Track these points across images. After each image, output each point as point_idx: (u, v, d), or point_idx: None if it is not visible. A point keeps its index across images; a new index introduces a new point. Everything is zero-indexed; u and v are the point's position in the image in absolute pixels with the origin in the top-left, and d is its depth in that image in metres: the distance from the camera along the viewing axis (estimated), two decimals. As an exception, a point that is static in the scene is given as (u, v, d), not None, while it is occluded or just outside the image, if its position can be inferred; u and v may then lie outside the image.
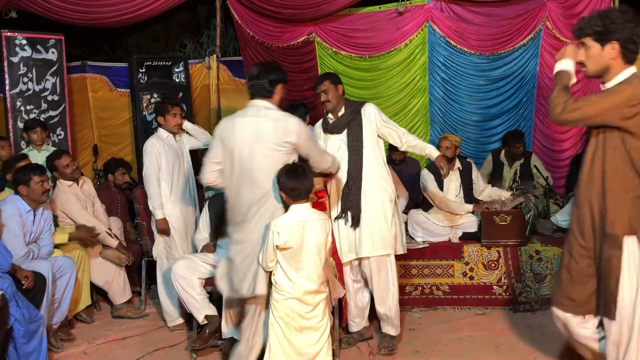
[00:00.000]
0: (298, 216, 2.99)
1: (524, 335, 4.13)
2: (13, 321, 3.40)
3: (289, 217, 3.00)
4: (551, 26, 5.84)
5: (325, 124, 3.99)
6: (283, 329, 2.98)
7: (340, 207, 3.84)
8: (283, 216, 3.01)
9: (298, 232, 2.96)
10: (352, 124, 3.85)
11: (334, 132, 3.90)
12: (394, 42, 6.14)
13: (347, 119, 3.87)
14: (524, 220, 4.64)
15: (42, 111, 5.95)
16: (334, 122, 3.90)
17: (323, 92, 3.90)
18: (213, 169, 3.21)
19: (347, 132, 3.85)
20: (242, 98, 6.80)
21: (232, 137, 3.12)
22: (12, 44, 5.76)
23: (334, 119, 3.93)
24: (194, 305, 3.90)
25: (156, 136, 4.53)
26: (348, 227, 3.80)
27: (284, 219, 2.99)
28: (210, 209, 4.35)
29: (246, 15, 6.45)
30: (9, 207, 3.96)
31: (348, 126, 3.86)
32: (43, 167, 4.17)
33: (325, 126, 3.97)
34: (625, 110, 2.59)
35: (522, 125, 6.09)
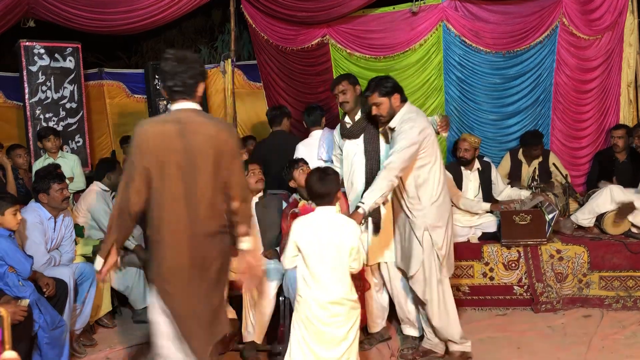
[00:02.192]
0: (320, 218, 2.96)
1: (546, 336, 4.08)
2: (37, 328, 3.44)
3: (311, 217, 2.98)
4: (567, 22, 5.78)
5: (342, 129, 3.95)
6: (303, 331, 2.91)
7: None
8: (307, 215, 3.02)
9: (317, 234, 2.90)
10: (368, 129, 3.81)
11: (351, 137, 3.87)
12: (408, 42, 6.12)
13: (364, 123, 3.82)
14: (544, 219, 4.59)
15: (60, 119, 6.04)
16: (351, 127, 3.87)
17: (341, 93, 3.88)
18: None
19: (364, 137, 3.81)
20: (258, 102, 6.86)
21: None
22: (30, 53, 5.85)
23: (351, 123, 3.89)
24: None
25: None
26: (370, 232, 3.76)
27: (306, 218, 2.99)
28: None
29: (260, 19, 6.47)
30: (31, 215, 4.01)
31: (365, 131, 3.82)
32: (62, 175, 4.21)
33: (343, 131, 3.93)
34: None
35: (540, 123, 6.03)
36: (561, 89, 5.95)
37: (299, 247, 2.92)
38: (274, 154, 4.91)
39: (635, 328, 4.14)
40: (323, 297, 2.86)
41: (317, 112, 4.89)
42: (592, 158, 5.92)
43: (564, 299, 4.55)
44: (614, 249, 4.57)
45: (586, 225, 4.85)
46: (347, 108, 3.89)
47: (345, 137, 3.90)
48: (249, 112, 7.01)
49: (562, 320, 4.34)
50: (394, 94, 3.52)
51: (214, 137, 2.59)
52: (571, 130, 6.05)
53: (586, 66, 5.88)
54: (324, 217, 2.95)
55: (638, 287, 4.52)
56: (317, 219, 2.95)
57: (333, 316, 2.86)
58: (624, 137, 5.47)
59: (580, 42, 5.83)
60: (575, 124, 6.04)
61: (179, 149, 2.52)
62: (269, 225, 4.15)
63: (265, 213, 4.14)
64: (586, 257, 4.57)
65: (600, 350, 3.81)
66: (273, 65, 6.63)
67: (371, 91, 3.55)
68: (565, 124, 6.04)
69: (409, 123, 3.44)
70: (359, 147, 3.83)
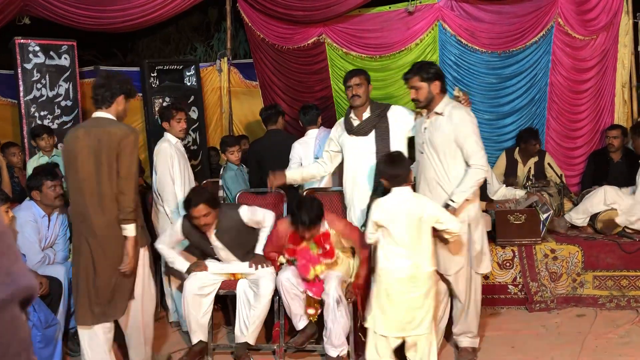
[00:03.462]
0: (399, 198, 3.24)
1: (540, 335, 4.10)
2: (31, 326, 3.43)
3: (390, 198, 3.26)
4: (563, 23, 5.79)
5: (348, 124, 3.91)
6: (383, 301, 3.20)
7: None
8: (386, 197, 3.29)
9: (395, 211, 3.20)
10: (379, 127, 3.79)
11: (360, 134, 3.84)
12: (404, 41, 6.13)
13: (374, 122, 3.80)
14: (539, 218, 4.60)
15: (55, 117, 6.01)
16: (360, 124, 3.83)
17: (356, 86, 3.83)
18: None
19: (375, 136, 3.79)
20: (253, 100, 6.86)
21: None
22: (25, 50, 5.82)
23: (358, 120, 3.85)
24: (192, 327, 3.88)
25: (166, 141, 4.49)
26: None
27: (386, 199, 3.27)
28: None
29: (256, 18, 6.47)
30: (24, 213, 4.00)
31: (375, 129, 3.80)
32: (55, 172, 4.19)
33: (349, 127, 3.89)
34: None
35: (535, 123, 6.05)
36: (556, 89, 5.97)
37: (380, 225, 3.22)
38: (269, 153, 4.91)
39: (628, 327, 4.16)
40: (403, 268, 3.16)
41: (313, 111, 4.89)
42: (586, 158, 5.94)
43: (558, 299, 4.56)
44: (607, 248, 4.58)
45: (580, 225, 4.87)
46: (357, 102, 3.85)
47: (353, 134, 3.87)
48: (244, 111, 7.00)
49: (556, 320, 4.35)
50: (435, 80, 3.48)
51: (111, 139, 3.19)
52: (566, 130, 6.07)
53: (581, 66, 5.90)
54: (400, 196, 3.25)
55: (631, 286, 4.54)
56: (393, 198, 3.25)
57: (412, 286, 3.16)
58: (619, 137, 5.49)
59: (575, 42, 5.85)
60: (570, 124, 6.06)
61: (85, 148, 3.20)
62: (239, 242, 4.00)
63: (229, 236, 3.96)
64: (580, 256, 4.58)
65: (593, 350, 3.83)
66: (269, 64, 6.63)
67: (413, 74, 3.51)
68: (560, 124, 6.06)
69: (459, 110, 3.47)
70: (367, 144, 3.81)
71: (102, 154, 3.18)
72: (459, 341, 3.76)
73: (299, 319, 3.77)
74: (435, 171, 3.51)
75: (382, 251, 3.24)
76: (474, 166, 3.39)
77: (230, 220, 3.89)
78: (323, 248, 3.71)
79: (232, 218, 3.90)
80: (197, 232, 3.87)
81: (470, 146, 3.41)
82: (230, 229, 3.89)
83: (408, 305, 3.17)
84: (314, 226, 3.62)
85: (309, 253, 3.72)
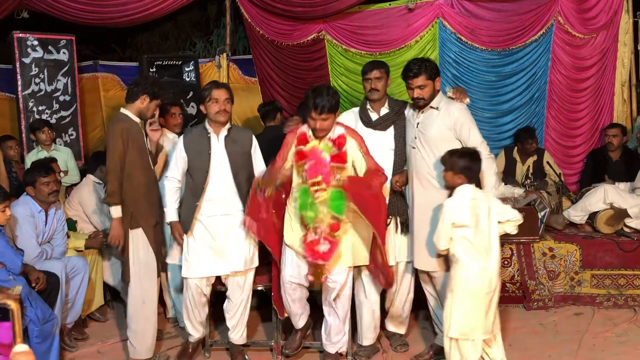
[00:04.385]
0: (470, 194, 3.18)
1: (537, 334, 4.10)
2: (28, 322, 3.42)
3: (463, 195, 3.19)
4: (563, 21, 5.79)
5: (366, 116, 3.75)
6: (464, 300, 3.13)
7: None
8: (455, 196, 3.21)
9: (471, 209, 3.16)
10: (397, 124, 3.70)
11: (377, 129, 3.71)
12: (404, 39, 6.12)
13: (393, 119, 3.71)
14: (537, 217, 4.60)
15: (53, 111, 5.99)
16: (379, 119, 3.71)
17: (376, 80, 3.67)
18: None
19: (394, 133, 3.70)
20: (253, 96, 6.84)
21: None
22: (23, 45, 5.80)
23: (376, 114, 3.73)
24: (192, 323, 3.81)
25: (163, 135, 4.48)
26: (395, 232, 3.71)
27: (459, 197, 3.19)
28: None
29: (256, 14, 6.45)
30: (21, 208, 3.98)
31: (394, 125, 3.71)
32: (49, 167, 4.15)
33: (367, 120, 3.74)
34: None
35: (534, 122, 6.04)
36: (556, 88, 5.97)
37: (460, 224, 3.15)
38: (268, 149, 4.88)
39: (626, 326, 4.17)
40: (485, 267, 3.14)
41: (311, 108, 4.86)
42: (585, 157, 5.94)
43: (555, 297, 4.56)
44: (605, 247, 4.58)
45: (578, 222, 4.87)
46: (375, 96, 3.69)
47: (370, 127, 3.72)
48: (243, 107, 6.97)
49: (554, 318, 4.36)
50: (437, 77, 3.49)
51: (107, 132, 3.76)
52: (565, 128, 6.07)
53: (581, 65, 5.90)
54: (472, 192, 3.19)
55: (629, 285, 4.54)
56: (466, 196, 3.19)
57: (491, 285, 3.15)
58: (619, 136, 5.49)
59: (575, 40, 5.84)
60: (569, 122, 6.06)
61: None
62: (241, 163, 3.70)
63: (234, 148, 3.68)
64: (578, 255, 4.58)
65: (591, 348, 3.83)
66: (268, 60, 6.61)
67: (418, 73, 3.43)
68: (560, 123, 6.06)
69: (454, 104, 3.47)
70: (384, 139, 3.69)
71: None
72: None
73: (298, 318, 3.73)
74: (427, 166, 3.48)
75: (461, 254, 3.17)
76: (485, 156, 3.34)
77: (240, 135, 3.74)
78: (338, 148, 3.41)
79: (244, 135, 3.77)
80: (199, 143, 3.63)
81: (476, 137, 3.41)
82: (238, 144, 3.69)
83: (492, 304, 3.17)
84: (329, 114, 3.34)
85: (318, 153, 3.41)
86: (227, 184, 3.64)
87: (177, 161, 3.70)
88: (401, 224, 3.71)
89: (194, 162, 3.65)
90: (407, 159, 3.66)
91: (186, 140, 3.69)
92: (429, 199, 3.48)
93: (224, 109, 3.60)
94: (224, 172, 3.63)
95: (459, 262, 3.18)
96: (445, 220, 3.18)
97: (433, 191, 3.47)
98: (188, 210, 3.66)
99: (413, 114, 3.63)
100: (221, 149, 3.63)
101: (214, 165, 3.61)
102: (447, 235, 3.19)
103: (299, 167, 3.46)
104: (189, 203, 3.67)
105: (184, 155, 3.66)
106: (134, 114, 3.68)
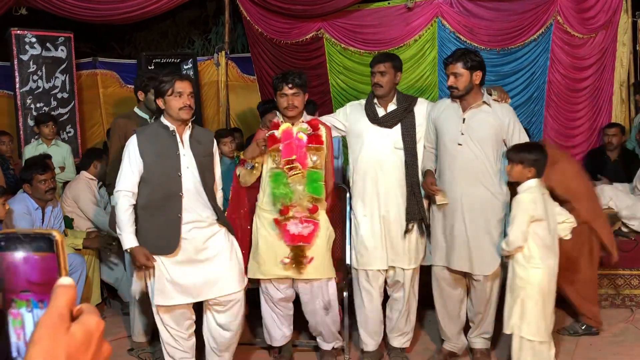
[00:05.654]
0: (539, 189, 3.13)
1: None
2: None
3: (533, 190, 3.11)
4: (562, 21, 5.78)
5: (372, 112, 3.52)
6: (539, 302, 3.07)
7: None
8: (528, 190, 3.11)
9: (544, 203, 3.11)
10: (405, 121, 3.49)
11: (383, 125, 3.49)
12: (403, 37, 6.11)
13: (401, 116, 3.49)
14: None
15: (51, 109, 5.99)
16: (386, 116, 3.49)
17: (379, 74, 3.45)
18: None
19: (402, 130, 3.49)
20: (251, 94, 6.83)
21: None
22: (21, 42, 5.79)
23: (383, 110, 3.52)
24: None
25: None
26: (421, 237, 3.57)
27: (530, 192, 3.11)
28: None
29: (255, 12, 6.44)
30: (18, 205, 3.97)
31: (402, 123, 3.49)
32: (46, 165, 4.14)
33: (373, 115, 3.51)
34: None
35: (533, 121, 6.04)
36: (554, 87, 5.96)
37: (537, 217, 3.06)
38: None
39: (623, 326, 4.16)
40: (555, 264, 3.13)
41: (310, 106, 4.85)
42: (584, 157, 5.94)
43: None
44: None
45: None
46: (379, 92, 3.47)
47: (376, 123, 3.50)
48: (242, 105, 6.97)
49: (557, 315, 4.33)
50: (477, 70, 3.27)
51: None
52: (564, 128, 6.07)
53: (580, 64, 5.90)
54: (540, 187, 3.14)
55: (626, 285, 4.54)
56: (538, 189, 3.11)
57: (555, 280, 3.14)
58: (618, 135, 5.49)
59: (574, 40, 5.84)
60: (568, 122, 6.06)
61: None
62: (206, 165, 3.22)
63: (199, 149, 3.18)
64: (576, 255, 4.57)
65: (588, 348, 3.83)
66: (267, 59, 6.60)
67: (455, 60, 3.27)
68: (558, 122, 6.05)
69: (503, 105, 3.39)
70: (390, 137, 3.49)
71: None
72: (474, 341, 3.62)
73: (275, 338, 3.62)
74: (478, 165, 3.28)
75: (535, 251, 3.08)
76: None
77: (203, 135, 3.26)
78: (314, 130, 3.36)
79: (206, 135, 3.30)
80: (161, 143, 3.06)
81: (525, 139, 3.35)
82: (202, 145, 3.19)
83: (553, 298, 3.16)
84: (299, 88, 3.31)
85: (293, 134, 3.34)
86: (196, 190, 3.10)
87: (131, 168, 3.02)
88: (426, 227, 3.53)
89: (156, 167, 3.04)
90: (446, 155, 3.38)
91: (141, 140, 3.05)
92: (479, 199, 3.31)
93: (188, 105, 3.06)
94: (193, 177, 3.09)
95: (531, 260, 3.08)
96: (524, 216, 3.06)
97: (482, 190, 3.30)
98: (164, 227, 3.05)
99: (453, 107, 3.39)
100: (187, 151, 3.09)
101: (183, 169, 3.07)
102: (525, 232, 3.06)
103: (273, 153, 3.35)
104: (157, 219, 3.05)
105: (139, 160, 3.02)
106: (141, 110, 3.86)
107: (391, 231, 3.50)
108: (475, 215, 3.31)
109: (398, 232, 3.50)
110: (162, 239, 3.04)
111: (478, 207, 3.31)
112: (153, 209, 3.06)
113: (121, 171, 3.06)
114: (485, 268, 3.34)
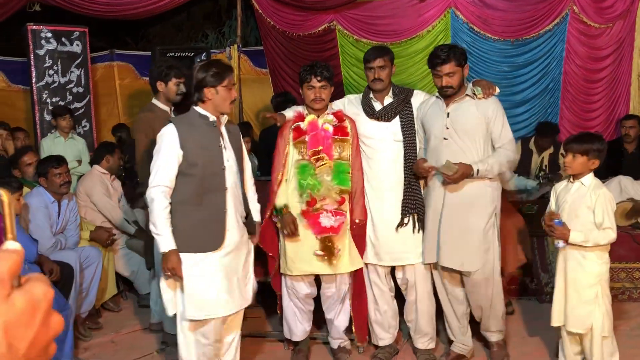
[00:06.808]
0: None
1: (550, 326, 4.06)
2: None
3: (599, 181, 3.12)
4: (578, 10, 5.70)
5: (368, 106, 3.48)
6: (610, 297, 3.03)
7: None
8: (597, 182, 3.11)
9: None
10: (403, 113, 3.44)
11: (382, 119, 3.46)
12: (416, 28, 6.07)
13: (398, 108, 3.44)
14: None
15: (67, 103, 6.04)
16: (383, 109, 3.44)
17: (379, 69, 3.40)
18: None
19: (401, 123, 3.44)
20: (263, 88, 6.84)
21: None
22: (37, 37, 5.84)
23: (380, 103, 3.48)
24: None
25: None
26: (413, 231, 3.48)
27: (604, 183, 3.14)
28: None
29: (267, 4, 6.43)
30: (35, 199, 4.03)
31: (400, 115, 3.44)
32: (62, 159, 4.17)
33: (370, 110, 3.47)
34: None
35: (549, 112, 5.99)
36: (570, 78, 5.89)
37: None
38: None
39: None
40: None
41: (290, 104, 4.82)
42: (601, 148, 5.87)
43: (568, 290, 4.52)
44: (620, 240, 4.45)
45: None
46: (379, 87, 3.42)
47: (374, 118, 3.46)
48: (255, 99, 6.99)
49: (567, 311, 4.32)
50: (466, 63, 3.26)
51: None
52: (580, 120, 6.00)
53: (596, 55, 5.82)
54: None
55: (644, 278, 4.50)
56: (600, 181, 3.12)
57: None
58: (636, 127, 5.41)
59: (590, 30, 5.75)
60: (584, 113, 5.99)
61: None
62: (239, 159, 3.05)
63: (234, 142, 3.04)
64: (592, 247, 4.53)
65: (604, 341, 3.80)
66: (279, 51, 6.60)
67: (446, 60, 3.18)
68: (574, 114, 5.99)
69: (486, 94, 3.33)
70: (390, 130, 3.44)
71: None
72: (488, 335, 3.57)
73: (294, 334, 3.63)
74: (464, 158, 3.20)
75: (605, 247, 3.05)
76: (504, 147, 3.27)
77: (234, 128, 3.10)
78: (339, 121, 3.34)
79: (236, 128, 3.15)
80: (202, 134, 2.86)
81: (508, 132, 3.27)
82: (236, 137, 3.05)
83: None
84: (327, 81, 3.32)
85: (319, 125, 3.32)
86: (236, 185, 2.95)
87: (168, 161, 2.77)
88: (419, 222, 3.44)
89: (198, 159, 2.80)
90: (432, 151, 3.35)
91: (182, 130, 2.80)
92: (463, 193, 3.25)
93: (234, 97, 2.96)
94: (233, 171, 2.93)
95: (603, 257, 3.01)
96: (614, 209, 3.03)
97: (469, 183, 3.23)
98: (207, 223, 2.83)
99: (438, 103, 3.37)
100: (227, 143, 2.94)
101: (225, 162, 2.90)
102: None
103: (299, 144, 3.34)
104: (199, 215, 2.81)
105: (179, 152, 2.78)
106: (161, 102, 3.80)
107: (390, 226, 3.46)
108: (463, 210, 3.26)
109: (395, 227, 3.46)
110: (205, 235, 2.81)
111: (467, 200, 3.26)
112: (193, 205, 2.80)
113: (155, 166, 2.78)
114: (474, 263, 3.27)
